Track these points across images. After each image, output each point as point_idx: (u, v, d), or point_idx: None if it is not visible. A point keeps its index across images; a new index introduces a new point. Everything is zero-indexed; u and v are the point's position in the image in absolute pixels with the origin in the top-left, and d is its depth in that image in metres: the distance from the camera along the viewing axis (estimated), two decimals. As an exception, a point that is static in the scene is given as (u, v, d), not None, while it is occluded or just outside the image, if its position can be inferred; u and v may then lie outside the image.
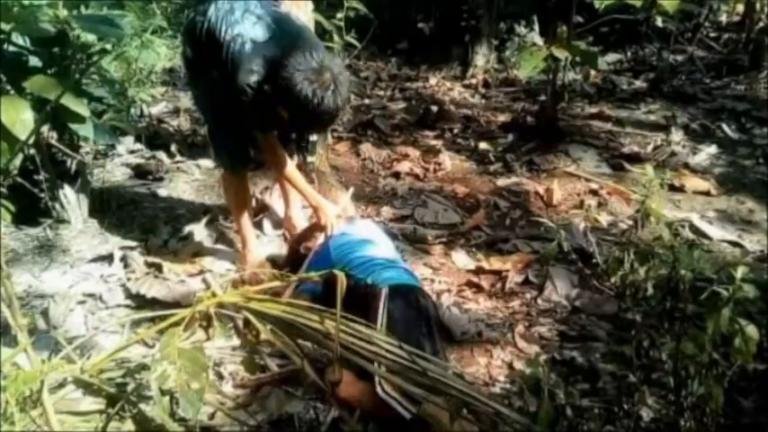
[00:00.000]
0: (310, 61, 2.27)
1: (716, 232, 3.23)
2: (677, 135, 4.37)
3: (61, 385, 1.51)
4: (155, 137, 4.24)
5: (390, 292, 2.16)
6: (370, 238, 2.55)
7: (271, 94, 2.38)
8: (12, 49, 2.81)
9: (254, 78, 2.40)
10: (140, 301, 2.62)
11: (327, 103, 2.27)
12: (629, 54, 6.28)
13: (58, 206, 3.21)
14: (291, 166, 2.71)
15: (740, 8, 6.62)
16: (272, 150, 2.65)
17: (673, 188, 3.68)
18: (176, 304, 2.46)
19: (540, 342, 2.43)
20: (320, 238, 2.69)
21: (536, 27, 5.91)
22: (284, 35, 2.49)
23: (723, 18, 7.00)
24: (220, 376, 2.18)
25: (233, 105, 2.49)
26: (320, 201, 2.73)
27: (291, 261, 2.78)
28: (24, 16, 2.66)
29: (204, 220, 3.28)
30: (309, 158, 3.07)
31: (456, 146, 4.49)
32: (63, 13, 2.74)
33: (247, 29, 2.46)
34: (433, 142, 4.54)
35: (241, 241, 2.93)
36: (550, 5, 5.49)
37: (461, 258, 3.03)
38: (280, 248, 3.10)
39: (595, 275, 2.80)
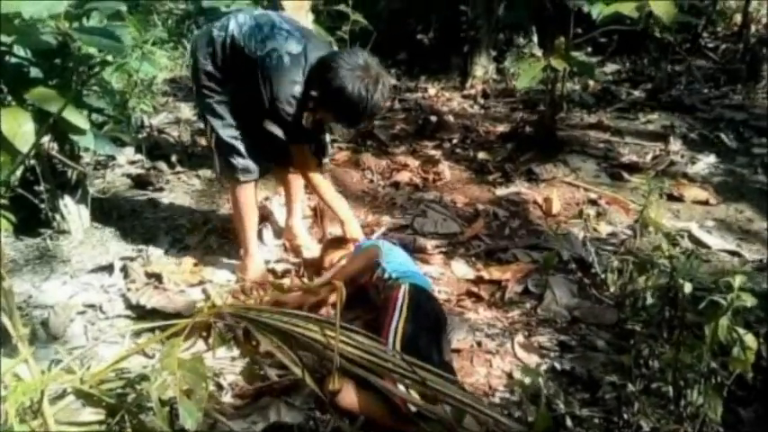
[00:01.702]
0: (355, 61, 2.42)
1: (715, 241, 3.23)
2: (676, 145, 4.39)
3: (61, 396, 1.51)
4: (155, 147, 4.26)
5: (411, 290, 2.34)
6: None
7: (317, 100, 2.50)
8: (13, 60, 2.83)
9: (297, 89, 2.51)
10: (140, 312, 2.62)
11: (378, 95, 2.44)
12: (627, 64, 6.30)
13: (58, 216, 3.23)
14: (321, 176, 2.80)
15: (737, 19, 6.64)
16: (304, 161, 2.73)
17: (672, 198, 3.69)
18: (177, 315, 2.47)
19: (539, 352, 2.43)
20: (343, 251, 2.81)
21: (535, 38, 5.94)
22: (314, 45, 2.60)
23: (720, 28, 7.03)
24: (220, 386, 2.18)
25: (252, 115, 2.63)
26: (348, 215, 2.82)
27: (316, 271, 2.92)
28: (25, 28, 2.67)
29: (204, 230, 3.29)
30: (325, 160, 3.08)
31: (455, 156, 4.51)
32: (64, 25, 2.76)
33: (281, 43, 2.53)
34: (433, 152, 4.55)
35: (243, 249, 2.93)
36: (549, 16, 5.51)
37: (461, 268, 3.04)
38: (279, 258, 3.12)
39: (595, 285, 2.82)
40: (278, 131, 2.65)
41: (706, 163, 4.19)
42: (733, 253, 3.15)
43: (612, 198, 3.66)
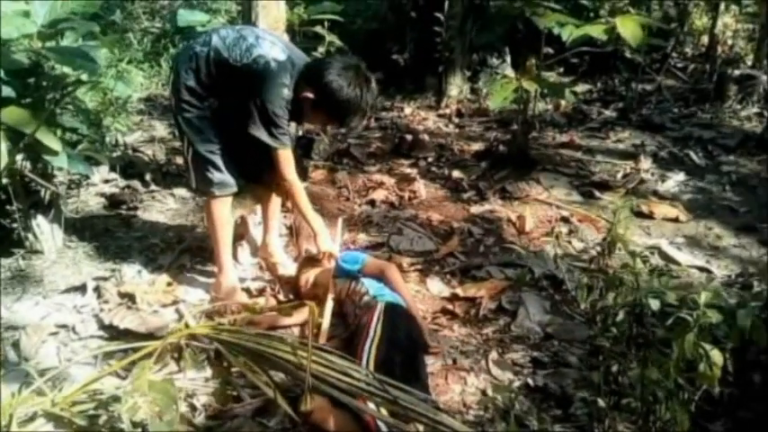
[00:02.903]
0: (347, 62, 2.57)
1: (684, 258, 3.30)
2: (646, 163, 4.48)
3: (31, 419, 1.50)
4: (129, 166, 4.23)
5: (386, 309, 2.36)
6: None
7: (312, 101, 2.57)
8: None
9: (286, 92, 2.57)
10: (113, 332, 2.60)
11: (370, 94, 2.60)
12: (598, 84, 6.42)
13: (30, 236, 3.19)
14: (301, 186, 2.80)
15: (705, 40, 6.81)
16: (289, 166, 2.71)
17: (642, 215, 3.76)
18: (150, 335, 2.45)
19: (513, 369, 2.45)
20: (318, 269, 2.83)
21: (508, 58, 6.04)
22: (296, 55, 2.71)
23: (689, 49, 7.20)
24: (193, 407, 2.16)
25: (234, 129, 2.66)
26: (321, 226, 2.82)
27: (292, 289, 2.93)
28: (-1, 48, 2.67)
29: (178, 250, 3.27)
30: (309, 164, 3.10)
31: (431, 174, 4.55)
32: (37, 44, 2.75)
33: (267, 50, 2.60)
34: (408, 170, 4.59)
35: (217, 267, 2.93)
36: (521, 38, 5.62)
37: (436, 285, 3.06)
38: (255, 276, 3.11)
39: (566, 302, 2.87)
40: (265, 138, 2.61)
41: (676, 181, 4.28)
42: (702, 269, 3.21)
43: (584, 216, 3.72)
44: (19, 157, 3.05)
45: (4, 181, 3.02)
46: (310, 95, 2.57)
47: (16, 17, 2.50)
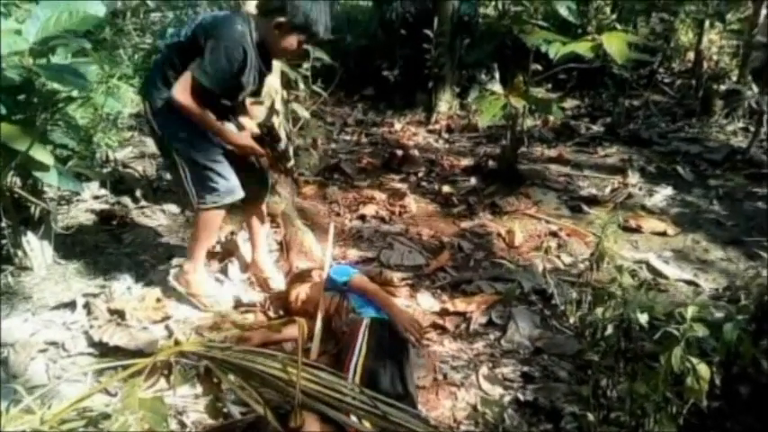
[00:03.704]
0: None
1: (672, 272, 3.32)
2: (634, 177, 4.52)
3: (20, 437, 1.49)
4: (120, 182, 4.23)
5: (371, 324, 2.37)
6: None
7: (284, 24, 2.60)
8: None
9: (239, 29, 2.58)
10: (103, 349, 2.59)
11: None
12: (586, 100, 6.49)
13: (20, 253, 3.18)
14: (195, 108, 2.64)
15: (691, 55, 6.90)
16: (185, 89, 2.61)
17: (630, 229, 3.79)
18: (139, 352, 2.45)
19: (503, 383, 2.46)
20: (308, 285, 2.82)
21: (496, 75, 6.10)
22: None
23: (675, 64, 7.29)
24: (183, 425, 2.16)
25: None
26: (237, 138, 2.78)
27: (282, 304, 2.92)
28: (-10, 65, 2.67)
29: (168, 266, 3.27)
30: (291, 163, 3.11)
31: (421, 189, 4.57)
32: (29, 61, 2.76)
33: (228, 16, 2.70)
34: (399, 185, 4.62)
35: (190, 265, 2.96)
36: (509, 55, 5.67)
37: (427, 300, 3.07)
38: (245, 292, 3.11)
39: (556, 316, 2.88)
40: (193, 66, 2.59)
41: (663, 195, 4.32)
42: (690, 282, 3.24)
43: (572, 230, 3.75)
44: (9, 174, 3.05)
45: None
46: (280, 19, 2.59)
47: (8, 34, 2.51)
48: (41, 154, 2.67)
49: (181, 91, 2.58)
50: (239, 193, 2.83)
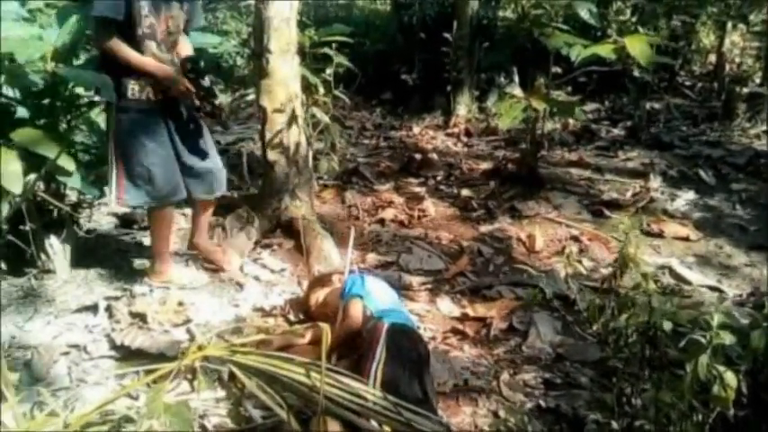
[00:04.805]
0: None
1: (696, 277, 3.28)
2: (655, 182, 4.48)
3: (45, 440, 1.50)
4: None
5: (390, 330, 2.32)
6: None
7: None
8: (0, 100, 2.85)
9: None
10: (125, 352, 2.60)
11: None
12: (607, 103, 6.44)
13: (43, 256, 3.21)
14: (120, 43, 2.73)
15: (712, 58, 6.83)
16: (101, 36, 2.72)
17: (652, 234, 3.76)
18: (161, 355, 2.46)
19: (524, 390, 2.43)
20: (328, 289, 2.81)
21: (516, 78, 6.08)
22: None
23: (697, 67, 7.22)
24: (205, 428, 2.16)
25: None
26: (163, 67, 2.82)
27: (302, 308, 2.92)
28: (15, 69, 2.70)
29: (188, 270, 3.29)
30: (218, 101, 3.05)
31: (439, 193, 4.56)
32: (53, 65, 2.79)
33: None
34: (417, 189, 4.61)
35: (159, 259, 3.16)
36: (529, 58, 5.64)
37: (446, 305, 3.05)
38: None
39: (578, 322, 2.85)
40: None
41: (685, 199, 4.28)
42: (714, 288, 3.20)
43: (594, 234, 3.72)
44: (32, 177, 3.08)
45: (17, 200, 3.05)
46: None
47: (32, 41, 2.54)
48: (64, 159, 2.69)
49: (98, 38, 2.71)
50: (181, 194, 3.03)
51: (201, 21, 3.19)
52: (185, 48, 3.04)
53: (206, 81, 2.89)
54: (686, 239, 3.73)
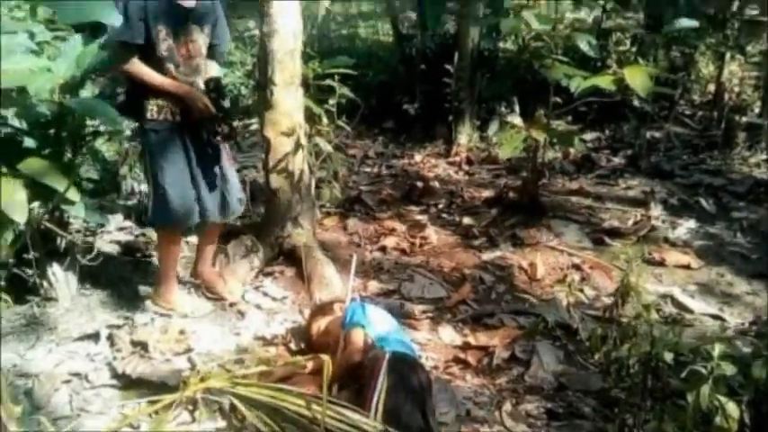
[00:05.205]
0: None
1: (697, 306, 3.28)
2: (656, 210, 4.49)
3: (45, 471, 1.50)
4: (144, 213, 4.28)
5: (392, 359, 2.32)
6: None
7: None
8: (7, 130, 2.89)
9: None
10: (126, 381, 2.60)
11: None
12: (607, 132, 6.47)
13: (45, 283, 3.21)
14: (140, 65, 2.82)
15: (712, 87, 6.89)
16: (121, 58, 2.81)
17: (654, 262, 3.76)
18: (162, 384, 2.46)
19: (527, 420, 2.43)
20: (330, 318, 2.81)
21: (516, 107, 6.12)
22: None
23: (696, 96, 7.27)
24: (205, 459, 2.16)
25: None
26: (183, 86, 2.89)
27: (304, 338, 2.92)
28: (23, 101, 2.74)
29: (190, 298, 3.30)
30: (235, 124, 3.19)
31: (441, 221, 4.58)
32: (59, 96, 2.83)
33: None
34: (419, 217, 4.62)
35: (163, 282, 3.20)
36: (529, 88, 5.71)
37: (448, 333, 3.05)
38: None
39: (580, 351, 2.85)
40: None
41: (686, 227, 4.29)
42: (715, 317, 3.20)
43: (595, 263, 3.72)
44: (35, 205, 3.10)
45: (21, 228, 3.07)
46: None
47: (41, 73, 2.58)
48: (70, 190, 2.72)
49: (117, 62, 2.78)
50: (194, 218, 3.04)
51: (228, 45, 3.26)
52: (213, 72, 3.10)
53: (226, 102, 2.96)
54: (688, 268, 3.73)
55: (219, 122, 2.93)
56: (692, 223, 4.34)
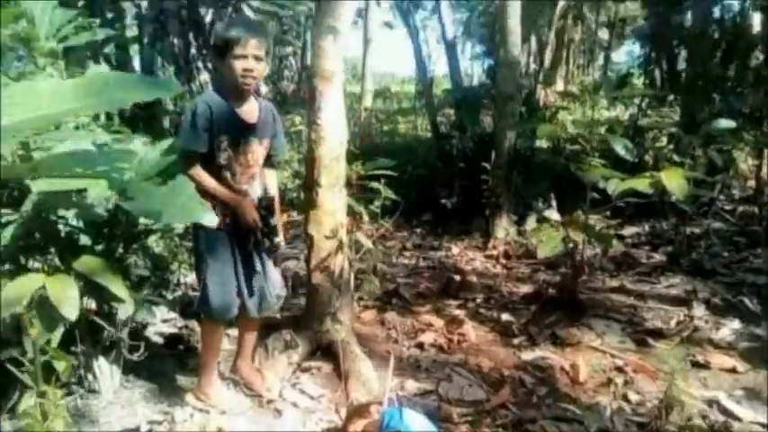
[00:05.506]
0: None
1: (745, 413, 3.17)
2: (699, 310, 4.42)
3: None
4: (188, 305, 4.37)
5: None
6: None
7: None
8: (65, 228, 3.03)
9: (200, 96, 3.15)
10: (165, 479, 2.61)
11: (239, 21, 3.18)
12: (646, 227, 6.46)
13: (90, 376, 3.28)
14: (197, 173, 2.96)
15: (752, 182, 6.87)
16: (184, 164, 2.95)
17: (698, 365, 3.67)
18: (201, 484, 2.46)
19: None
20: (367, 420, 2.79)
21: (554, 203, 6.19)
22: None
23: (736, 191, 7.25)
24: None
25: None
26: (237, 198, 3.02)
27: None
28: (81, 202, 2.90)
29: (230, 393, 3.32)
30: (278, 240, 3.18)
31: (479, 316, 4.56)
32: (116, 198, 2.97)
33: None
34: (457, 312, 4.62)
35: (204, 376, 3.26)
36: (566, 184, 5.78)
37: (488, 439, 3.00)
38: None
39: (624, 463, 2.76)
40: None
41: (731, 328, 4.19)
42: (765, 426, 3.08)
43: (639, 365, 3.65)
44: (85, 300, 3.21)
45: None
46: (216, 48, 2.96)
47: (101, 178, 2.72)
48: (118, 287, 2.81)
49: (181, 168, 2.90)
50: (233, 312, 3.15)
51: (284, 154, 3.46)
52: (270, 179, 3.28)
53: (273, 220, 3.10)
54: (733, 371, 3.62)
55: (263, 237, 3.07)
56: (736, 324, 4.25)
